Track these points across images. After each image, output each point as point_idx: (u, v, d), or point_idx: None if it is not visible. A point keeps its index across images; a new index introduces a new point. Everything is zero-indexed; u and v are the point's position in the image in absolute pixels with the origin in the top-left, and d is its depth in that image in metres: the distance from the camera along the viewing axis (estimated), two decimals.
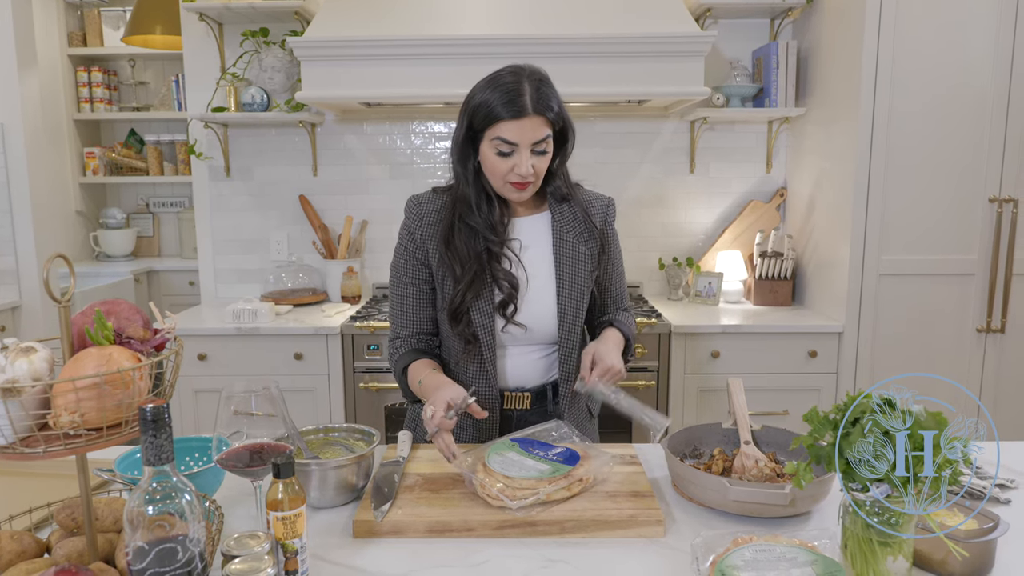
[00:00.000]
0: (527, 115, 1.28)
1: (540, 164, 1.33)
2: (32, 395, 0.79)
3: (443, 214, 1.41)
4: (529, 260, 1.41)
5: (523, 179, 1.32)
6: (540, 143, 1.31)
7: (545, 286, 1.41)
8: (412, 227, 1.44)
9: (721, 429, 1.30)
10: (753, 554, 0.90)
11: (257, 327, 2.49)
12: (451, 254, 1.37)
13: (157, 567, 0.74)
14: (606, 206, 1.49)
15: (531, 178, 1.33)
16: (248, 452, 0.96)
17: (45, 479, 1.20)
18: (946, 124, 2.34)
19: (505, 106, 1.28)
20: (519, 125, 1.28)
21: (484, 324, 1.37)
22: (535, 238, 1.43)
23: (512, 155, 1.30)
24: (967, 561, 0.91)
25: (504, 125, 1.28)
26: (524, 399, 1.45)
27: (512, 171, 1.31)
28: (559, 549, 1.02)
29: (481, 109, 1.31)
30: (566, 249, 1.41)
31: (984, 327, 2.43)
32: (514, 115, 1.27)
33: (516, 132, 1.28)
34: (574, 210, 1.43)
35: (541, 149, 1.31)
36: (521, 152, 1.30)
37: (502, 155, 1.30)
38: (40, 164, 3.22)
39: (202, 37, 2.88)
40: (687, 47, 2.43)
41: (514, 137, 1.29)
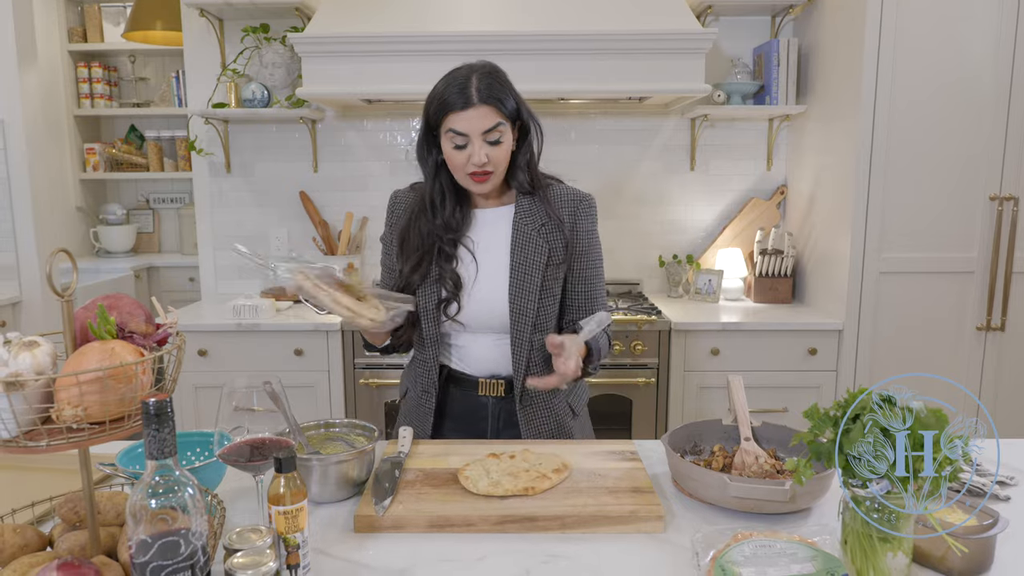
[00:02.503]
0: (473, 105, 1.33)
1: (495, 153, 1.37)
2: (35, 389, 0.79)
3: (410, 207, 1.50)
4: (485, 251, 1.46)
5: (479, 167, 1.36)
6: (491, 131, 1.35)
7: (499, 277, 1.45)
8: (391, 219, 1.54)
9: (721, 426, 1.31)
10: (753, 550, 0.91)
11: (257, 323, 2.49)
12: (405, 246, 1.46)
13: (160, 560, 0.74)
14: (578, 202, 1.49)
15: (488, 167, 1.37)
16: (249, 447, 0.97)
17: (47, 473, 1.20)
18: (947, 122, 2.34)
19: (453, 98, 1.34)
20: (467, 116, 1.33)
21: (427, 312, 1.45)
22: (495, 230, 1.48)
23: (466, 147, 1.35)
24: (967, 557, 0.91)
25: (454, 117, 1.34)
26: (498, 386, 1.48)
27: (468, 162, 1.36)
28: (559, 544, 1.03)
29: (433, 103, 1.37)
30: (522, 240, 1.44)
31: (984, 325, 2.43)
32: (462, 106, 1.33)
33: (465, 123, 1.33)
34: (539, 205, 1.46)
35: (494, 139, 1.36)
36: (473, 142, 1.34)
37: (458, 148, 1.36)
38: (40, 160, 3.22)
39: (203, 33, 2.87)
40: (688, 44, 2.43)
41: (464, 127, 1.34)
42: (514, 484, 1.13)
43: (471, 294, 1.44)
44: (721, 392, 2.49)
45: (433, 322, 1.45)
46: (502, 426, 1.50)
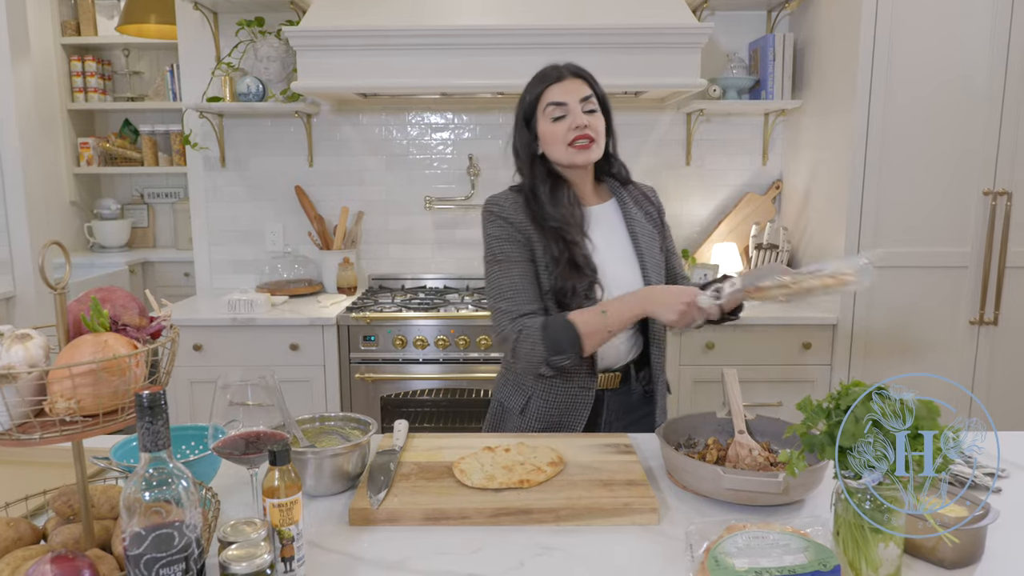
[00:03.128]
0: (567, 77, 1.45)
1: (594, 122, 1.44)
2: (28, 381, 0.79)
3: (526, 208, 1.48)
4: (608, 245, 1.49)
5: (582, 131, 1.41)
6: (587, 100, 1.44)
7: (627, 268, 1.49)
8: (510, 218, 1.47)
9: (716, 419, 1.31)
10: (746, 541, 0.91)
11: (253, 318, 2.49)
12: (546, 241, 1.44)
13: (154, 552, 0.74)
14: (652, 190, 1.65)
15: (590, 132, 1.42)
16: (244, 440, 0.97)
17: (41, 467, 1.20)
18: (941, 117, 2.34)
19: (547, 76, 1.46)
20: (563, 86, 1.44)
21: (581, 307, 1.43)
22: (609, 225, 1.53)
23: (566, 116, 1.43)
24: (958, 548, 0.92)
25: (550, 90, 1.45)
26: (615, 379, 1.52)
27: (570, 128, 1.42)
28: (554, 536, 1.03)
29: (529, 91, 1.49)
30: (639, 228, 1.53)
31: (977, 319, 2.44)
32: (557, 78, 1.45)
33: (562, 92, 1.44)
34: (633, 194, 1.58)
35: (590, 107, 1.44)
36: (572, 109, 1.43)
37: (557, 120, 1.43)
38: (34, 154, 3.20)
39: (197, 26, 2.86)
40: (684, 39, 2.43)
41: (561, 96, 1.43)
42: (509, 477, 1.13)
43: (612, 290, 1.45)
44: (715, 386, 2.50)
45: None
46: (613, 418, 1.53)
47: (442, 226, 3.04)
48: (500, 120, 2.97)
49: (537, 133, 1.48)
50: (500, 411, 1.57)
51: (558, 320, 1.38)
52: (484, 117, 2.97)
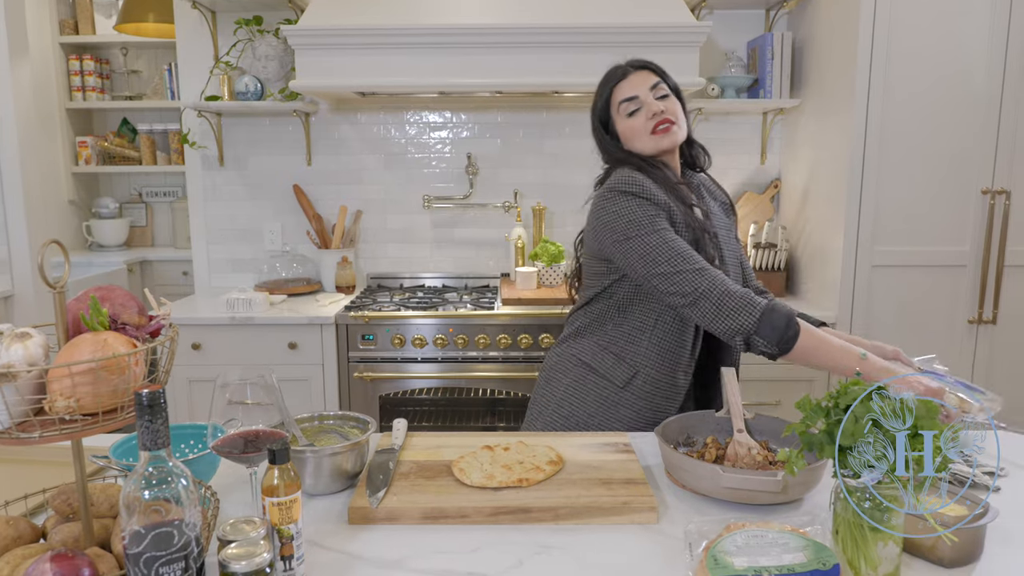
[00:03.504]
0: (632, 72, 1.48)
1: (669, 105, 1.46)
2: (28, 380, 0.79)
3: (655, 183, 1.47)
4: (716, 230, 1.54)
5: (660, 116, 1.43)
6: (656, 87, 1.47)
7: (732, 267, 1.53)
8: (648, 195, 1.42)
9: (714, 418, 1.31)
10: (745, 540, 0.91)
11: (251, 317, 2.49)
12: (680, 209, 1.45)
13: (153, 551, 0.74)
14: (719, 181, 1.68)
15: (669, 116, 1.44)
16: (243, 439, 0.97)
17: (40, 466, 1.20)
18: (940, 116, 2.35)
19: (611, 76, 1.51)
20: (629, 81, 1.48)
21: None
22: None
23: (640, 108, 1.46)
24: (956, 547, 0.92)
25: (618, 88, 1.48)
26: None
27: (647, 118, 1.44)
28: (553, 535, 1.03)
29: (598, 95, 1.52)
30: (717, 221, 1.53)
31: (975, 318, 2.44)
32: (622, 75, 1.49)
33: (629, 86, 1.47)
34: (708, 184, 1.60)
35: (661, 93, 1.46)
36: (644, 99, 1.46)
37: (632, 114, 1.46)
38: (32, 153, 3.19)
39: (195, 25, 2.86)
40: (682, 37, 2.43)
41: (631, 90, 1.46)
42: (508, 476, 1.13)
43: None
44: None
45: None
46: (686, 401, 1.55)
47: (440, 225, 3.04)
48: (499, 119, 2.97)
49: (617, 134, 1.51)
50: (590, 378, 1.53)
51: (786, 312, 1.33)
52: (482, 116, 2.97)
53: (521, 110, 2.95)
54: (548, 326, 2.49)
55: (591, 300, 1.57)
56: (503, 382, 2.52)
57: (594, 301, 1.56)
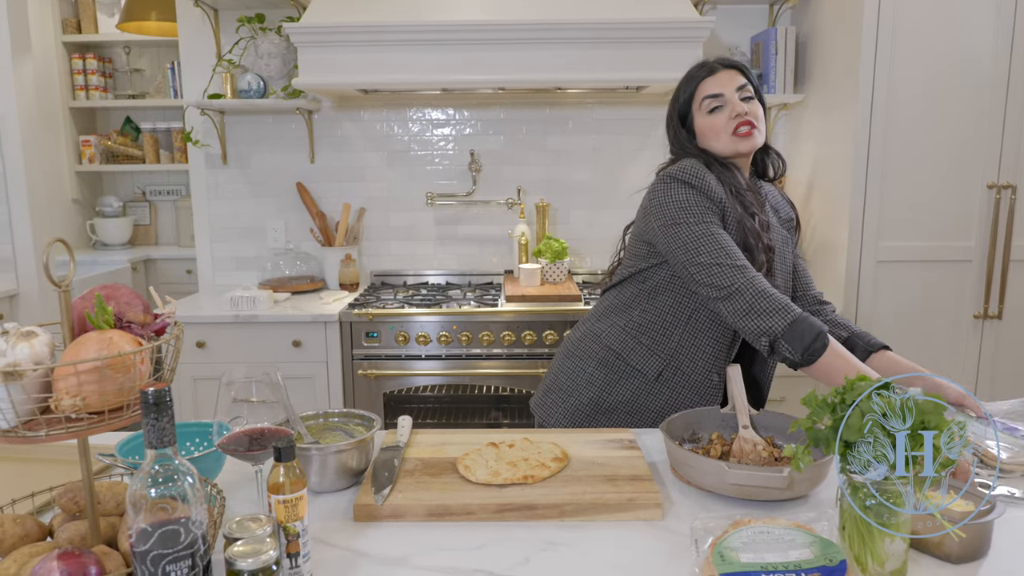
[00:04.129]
0: (721, 70, 1.46)
1: (753, 109, 1.43)
2: (34, 379, 0.79)
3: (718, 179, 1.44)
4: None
5: (742, 118, 1.41)
6: (743, 88, 1.44)
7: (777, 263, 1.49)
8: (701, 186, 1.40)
9: (719, 414, 1.31)
10: (751, 536, 0.91)
11: (255, 314, 2.49)
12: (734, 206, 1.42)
13: (160, 549, 0.74)
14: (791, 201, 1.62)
15: (752, 119, 1.42)
16: (248, 437, 0.97)
17: (47, 464, 1.20)
18: (945, 111, 2.34)
19: (699, 71, 1.48)
20: (717, 78, 1.45)
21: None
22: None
23: (724, 106, 1.43)
24: (964, 543, 0.91)
25: (704, 84, 1.45)
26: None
27: (730, 118, 1.41)
28: (558, 532, 1.03)
29: (682, 89, 1.50)
30: (775, 233, 1.50)
31: (981, 313, 2.43)
32: (709, 72, 1.46)
33: (716, 84, 1.44)
34: (773, 195, 1.56)
35: (747, 95, 1.43)
36: (729, 98, 1.43)
37: (714, 111, 1.44)
38: (36, 152, 3.20)
39: (197, 23, 2.86)
40: (685, 33, 2.43)
41: (717, 88, 1.44)
42: (513, 473, 1.13)
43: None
44: None
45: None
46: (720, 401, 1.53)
47: (444, 222, 3.04)
48: (501, 116, 2.96)
49: (694, 130, 1.49)
50: (618, 366, 1.52)
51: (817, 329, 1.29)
52: (485, 112, 2.97)
53: (524, 106, 2.94)
54: (552, 323, 2.49)
55: (623, 280, 1.56)
56: (507, 379, 2.52)
57: (626, 283, 1.55)
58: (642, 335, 1.51)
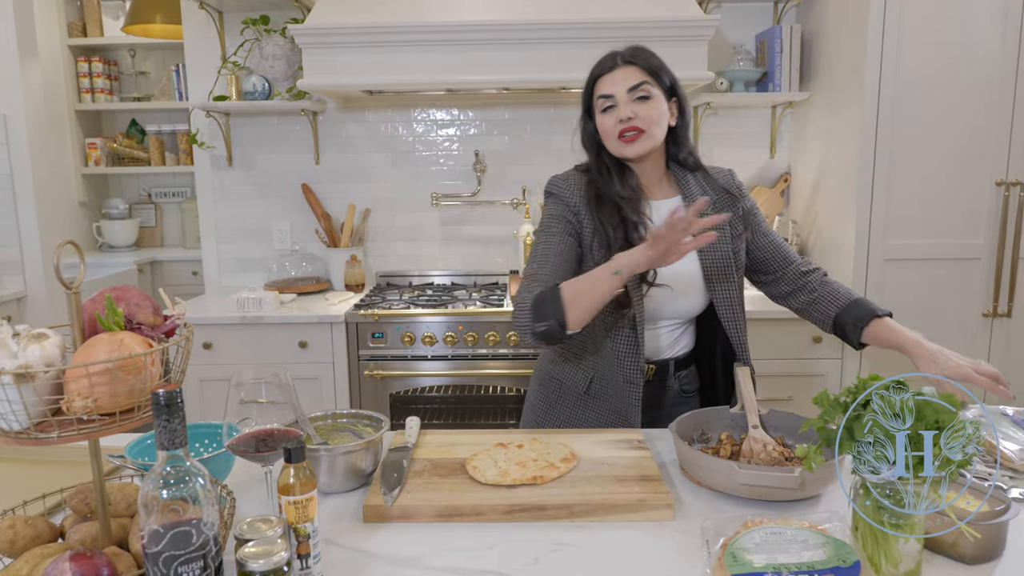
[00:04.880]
0: (617, 66, 1.41)
1: (643, 111, 1.38)
2: (45, 380, 0.79)
3: (587, 187, 1.47)
4: None
5: (626, 124, 1.37)
6: (636, 88, 1.38)
7: (690, 265, 1.46)
8: (565, 197, 1.47)
9: (728, 414, 1.31)
10: (763, 537, 0.90)
11: (262, 316, 2.49)
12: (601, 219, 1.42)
13: (172, 550, 0.74)
14: (730, 173, 1.55)
15: (636, 123, 1.38)
16: (258, 438, 0.97)
17: (58, 466, 1.21)
18: (952, 108, 2.32)
19: (599, 67, 1.43)
20: (612, 77, 1.41)
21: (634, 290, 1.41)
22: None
23: (615, 107, 1.39)
24: (979, 543, 0.91)
25: (601, 82, 1.42)
26: (649, 371, 1.51)
27: (617, 122, 1.39)
28: (568, 533, 1.03)
29: (587, 82, 1.45)
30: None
31: (990, 312, 2.42)
32: (608, 68, 1.41)
33: (609, 83, 1.40)
34: (703, 183, 1.50)
35: (641, 94, 1.39)
36: (619, 100, 1.39)
37: (607, 112, 1.40)
38: (43, 155, 3.21)
39: (202, 25, 2.86)
40: (690, 31, 2.42)
41: (608, 88, 1.40)
42: (522, 473, 1.13)
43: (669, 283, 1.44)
44: None
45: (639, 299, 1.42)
46: (644, 407, 1.50)
47: (449, 223, 3.03)
48: (506, 116, 2.96)
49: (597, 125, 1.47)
50: (558, 389, 1.54)
51: (549, 293, 1.32)
52: (490, 113, 2.96)
53: (528, 106, 2.94)
54: None
55: None
56: (513, 379, 2.51)
57: None
58: (567, 350, 1.52)
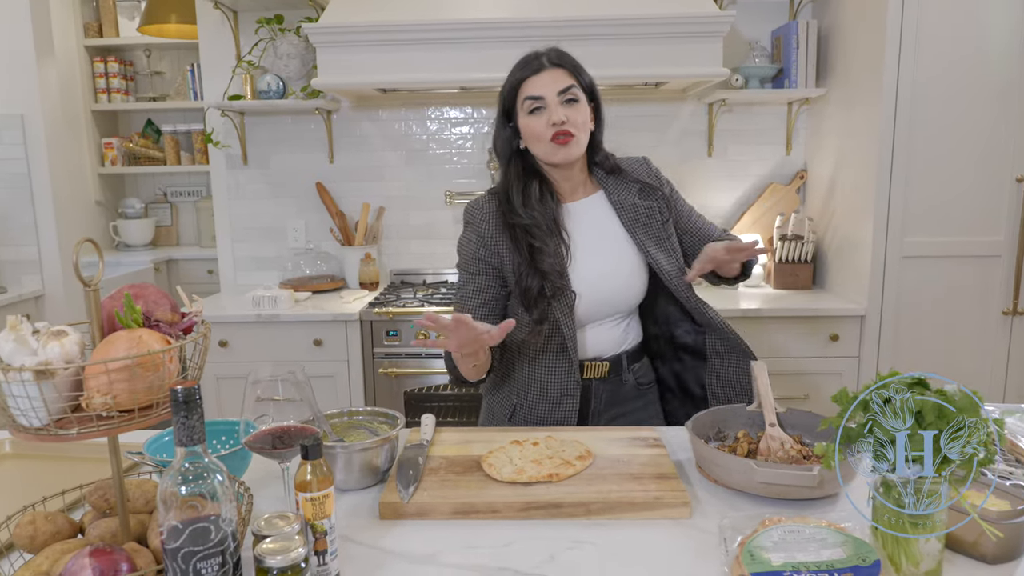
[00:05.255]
0: (545, 68, 1.38)
1: (574, 115, 1.37)
2: (65, 377, 0.79)
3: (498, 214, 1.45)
4: (598, 239, 1.46)
5: (559, 127, 1.35)
6: (566, 91, 1.37)
7: (624, 256, 1.45)
8: (480, 229, 1.46)
9: (745, 412, 1.29)
10: (782, 535, 0.90)
11: (277, 314, 2.51)
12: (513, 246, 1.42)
13: (191, 546, 0.74)
14: (645, 162, 1.57)
15: (568, 127, 1.36)
16: (274, 435, 0.97)
17: (77, 462, 1.22)
18: (971, 103, 2.29)
19: (525, 68, 1.39)
20: (540, 79, 1.37)
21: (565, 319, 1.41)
22: (596, 217, 1.48)
23: (543, 109, 1.37)
24: (1000, 543, 0.90)
25: (527, 83, 1.38)
26: (602, 368, 1.49)
27: (548, 124, 1.36)
28: (585, 530, 1.02)
29: (508, 82, 1.42)
30: (631, 211, 1.47)
31: (1010, 310, 2.39)
32: (535, 70, 1.38)
33: (539, 85, 1.37)
34: (623, 178, 1.50)
35: (570, 97, 1.37)
36: (549, 103, 1.36)
37: (535, 112, 1.37)
38: (60, 155, 3.25)
39: (217, 25, 2.88)
40: (705, 27, 2.40)
41: (538, 90, 1.37)
42: (538, 471, 1.13)
43: (598, 285, 1.43)
44: None
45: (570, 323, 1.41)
46: (602, 408, 1.51)
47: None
48: None
49: (518, 127, 1.42)
50: (490, 415, 1.55)
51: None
52: None
53: None
54: None
55: None
56: None
57: None
58: (497, 377, 1.51)
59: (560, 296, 1.39)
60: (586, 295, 1.43)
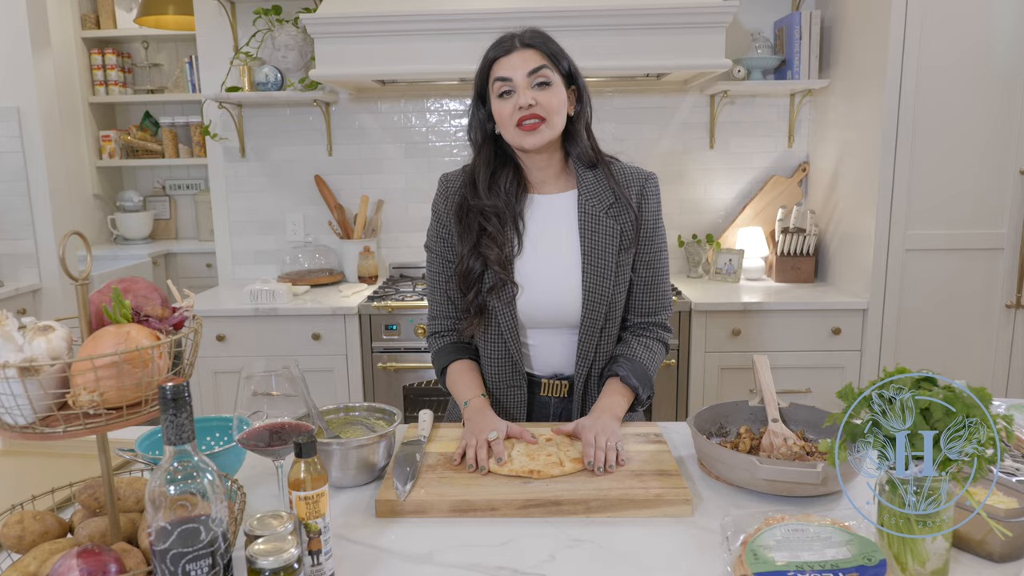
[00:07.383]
0: (516, 49, 1.32)
1: (543, 98, 1.30)
2: (51, 374, 0.77)
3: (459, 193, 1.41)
4: (553, 238, 1.38)
5: (525, 111, 1.29)
6: (536, 73, 1.30)
7: (570, 266, 1.37)
8: (439, 206, 1.45)
9: (747, 407, 1.28)
10: (785, 534, 0.88)
11: (275, 308, 2.49)
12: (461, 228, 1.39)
13: (180, 547, 0.73)
14: (644, 181, 1.40)
15: (537, 111, 1.29)
16: (268, 431, 0.95)
17: (66, 459, 1.20)
18: (975, 95, 2.27)
19: (496, 48, 1.34)
20: (510, 60, 1.31)
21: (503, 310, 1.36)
22: (560, 216, 1.39)
23: (513, 92, 1.31)
24: (1008, 541, 0.88)
25: (498, 64, 1.33)
26: (562, 387, 1.42)
27: (515, 109, 1.30)
28: (585, 528, 1.01)
29: (481, 63, 1.36)
30: (591, 224, 1.36)
31: (1014, 303, 2.37)
32: (506, 51, 1.32)
33: (508, 67, 1.31)
34: (603, 182, 1.37)
35: (541, 80, 1.31)
36: (518, 85, 1.30)
37: (504, 95, 1.31)
38: (57, 148, 3.22)
39: (215, 16, 2.85)
40: (707, 18, 2.37)
41: (507, 71, 1.31)
42: (523, 464, 1.11)
43: (538, 286, 1.36)
44: (742, 373, 2.46)
45: (509, 315, 1.36)
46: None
47: None
48: None
49: (491, 111, 1.36)
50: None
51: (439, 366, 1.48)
52: None
53: None
54: None
55: None
56: None
57: None
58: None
59: (501, 287, 1.35)
60: (528, 291, 1.36)
